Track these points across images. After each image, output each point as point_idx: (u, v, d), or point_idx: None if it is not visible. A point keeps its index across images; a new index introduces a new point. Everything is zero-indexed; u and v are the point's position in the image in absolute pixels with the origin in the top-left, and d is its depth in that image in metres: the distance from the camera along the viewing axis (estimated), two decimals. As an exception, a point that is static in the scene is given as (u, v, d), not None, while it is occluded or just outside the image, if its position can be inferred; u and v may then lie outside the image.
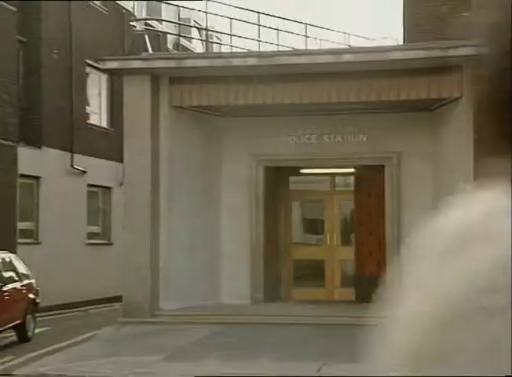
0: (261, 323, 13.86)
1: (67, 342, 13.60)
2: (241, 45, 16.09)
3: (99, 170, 23.89)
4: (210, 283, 15.62)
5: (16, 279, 14.32)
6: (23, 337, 14.09)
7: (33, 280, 15.15)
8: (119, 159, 19.02)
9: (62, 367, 10.94)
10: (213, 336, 13.04)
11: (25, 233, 20.79)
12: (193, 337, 12.87)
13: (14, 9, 19.70)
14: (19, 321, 13.86)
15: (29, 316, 14.32)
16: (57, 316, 19.09)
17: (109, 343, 12.94)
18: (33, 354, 12.54)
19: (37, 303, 15.02)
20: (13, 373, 11.05)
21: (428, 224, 0.80)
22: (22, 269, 14.89)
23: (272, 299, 16.11)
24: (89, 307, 21.30)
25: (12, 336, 14.17)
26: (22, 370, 11.13)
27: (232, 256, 15.91)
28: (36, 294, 15.05)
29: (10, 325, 13.63)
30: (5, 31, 19.39)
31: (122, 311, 14.81)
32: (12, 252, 18.90)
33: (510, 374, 0.67)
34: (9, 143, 19.55)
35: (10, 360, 12.25)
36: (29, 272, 15.16)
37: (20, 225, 20.32)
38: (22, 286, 14.42)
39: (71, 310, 20.49)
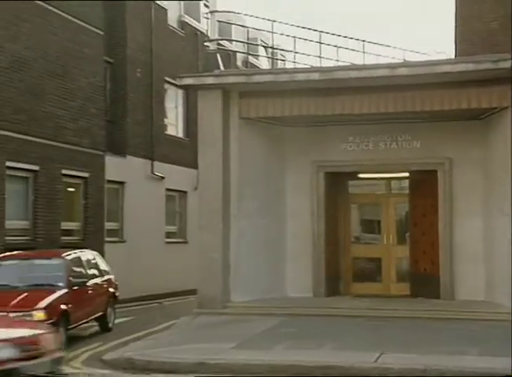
0: (323, 315, 13.79)
1: (149, 330, 13.78)
2: (303, 61, 16.05)
3: (176, 176, 24.11)
4: (275, 277, 15.59)
5: (98, 275, 14.29)
6: (104, 327, 14.10)
7: (112, 276, 15.11)
8: (194, 165, 19.14)
9: (146, 352, 10.98)
10: (279, 326, 12.99)
11: (112, 233, 21.04)
12: (261, 327, 12.85)
13: (102, 32, 20.03)
14: (101, 313, 13.87)
15: (110, 309, 14.31)
16: (139, 306, 19.30)
17: (186, 331, 13.01)
18: (119, 341, 12.73)
19: (116, 296, 14.96)
20: (103, 357, 11.16)
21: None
22: (103, 265, 14.89)
23: (333, 293, 15.99)
24: (166, 299, 21.46)
25: (95, 327, 14.25)
26: (110, 355, 11.22)
27: (296, 254, 15.86)
28: (115, 288, 15.00)
29: (93, 317, 13.66)
30: (95, 52, 19.76)
31: (196, 303, 14.82)
32: (100, 249, 19.28)
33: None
34: (98, 152, 19.90)
35: (99, 346, 12.49)
36: (109, 269, 15.14)
37: (108, 225, 20.57)
38: (103, 281, 14.37)
39: (151, 302, 20.67)
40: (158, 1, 23.61)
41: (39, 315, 11.15)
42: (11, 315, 10.90)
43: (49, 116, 17.81)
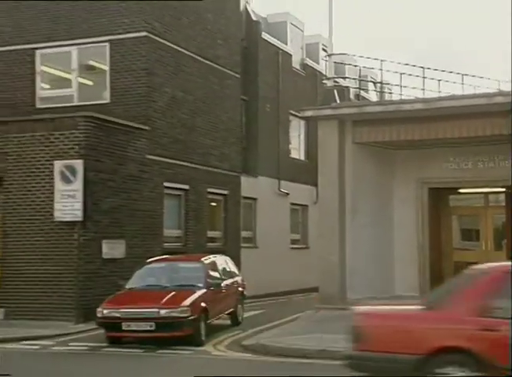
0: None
1: (278, 322, 13.82)
2: (408, 93, 15.76)
3: (298, 192, 24.20)
4: (385, 279, 15.24)
5: (229, 276, 13.93)
6: (235, 321, 13.80)
7: (241, 277, 14.72)
8: (313, 183, 19.15)
9: (277, 339, 11.03)
10: (390, 320, 12.71)
11: (246, 240, 21.32)
12: (374, 321, 12.63)
13: (239, 76, 20.45)
14: (232, 309, 13.59)
15: (239, 306, 14.00)
16: (268, 302, 19.36)
17: (310, 323, 12.95)
18: (254, 330, 12.82)
19: (244, 295, 14.59)
20: (242, 343, 11.26)
21: None
22: (233, 268, 14.54)
23: (437, 292, 15.46)
24: (290, 296, 21.48)
25: (227, 320, 13.98)
26: (248, 341, 11.33)
27: (403, 258, 15.42)
28: (243, 287, 14.60)
29: (226, 312, 13.41)
30: (233, 92, 20.23)
31: (317, 299, 14.70)
32: (237, 254, 19.62)
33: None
34: (235, 174, 20.31)
35: (239, 333, 12.61)
36: (237, 271, 14.77)
37: (243, 234, 20.85)
38: (233, 282, 14.02)
39: (278, 298, 20.76)
40: (283, 48, 23.94)
41: (185, 311, 11.01)
42: (161, 311, 10.87)
43: (198, 145, 18.37)
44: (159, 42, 16.66)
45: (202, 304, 11.49)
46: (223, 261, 14.04)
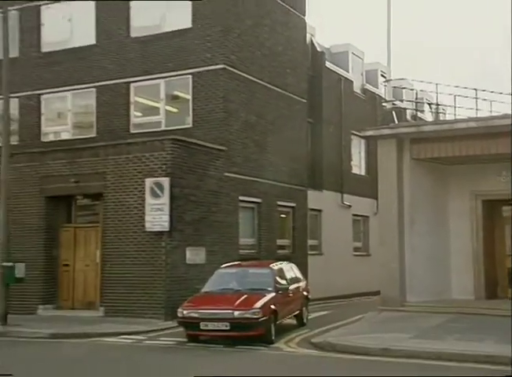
0: (483, 315, 12.88)
1: (343, 322, 13.63)
2: (462, 113, 15.38)
3: (359, 204, 23.91)
4: (443, 283, 14.83)
5: (295, 281, 13.63)
6: (300, 322, 13.54)
7: (305, 282, 14.45)
8: (373, 196, 18.88)
9: (342, 338, 10.91)
10: (447, 322, 12.31)
11: (313, 247, 21.16)
12: (432, 322, 12.27)
13: (305, 101, 20.45)
14: (298, 311, 13.37)
15: (304, 308, 13.75)
16: (332, 304, 19.15)
17: (372, 324, 12.74)
18: (320, 329, 12.68)
19: (308, 298, 14.30)
20: (311, 341, 11.19)
21: None
22: (298, 274, 14.23)
23: (491, 296, 14.87)
24: (353, 298, 21.18)
25: (293, 321, 13.70)
26: (316, 339, 11.23)
27: (459, 265, 14.97)
28: (308, 291, 14.25)
29: (293, 314, 13.20)
30: (300, 115, 20.24)
31: (379, 301, 14.44)
32: (305, 260, 19.55)
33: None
34: (302, 188, 20.27)
35: (307, 332, 12.49)
36: (302, 277, 14.40)
37: (310, 242, 20.69)
38: (298, 286, 13.73)
39: (342, 300, 20.50)
40: (345, 75, 23.84)
41: (256, 313, 10.92)
42: (235, 312, 10.80)
43: (269, 163, 18.44)
44: (234, 73, 16.96)
45: (272, 306, 11.39)
46: (289, 268, 13.90)
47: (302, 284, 14.11)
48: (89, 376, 8.89)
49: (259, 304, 11.12)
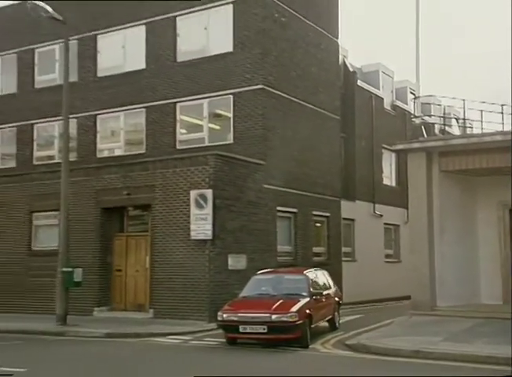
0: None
1: (375, 325, 13.47)
2: (488, 126, 15.06)
3: (390, 214, 23.63)
4: (472, 289, 14.47)
5: (327, 287, 13.45)
6: (333, 326, 13.36)
7: (336, 287, 14.21)
8: (403, 206, 18.63)
9: (375, 340, 10.79)
10: (476, 326, 12.00)
11: (346, 254, 21.06)
12: (462, 326, 11.99)
13: (338, 117, 20.41)
14: (330, 316, 13.21)
15: (336, 313, 13.55)
16: (365, 308, 18.96)
17: (404, 327, 12.52)
18: (354, 331, 12.56)
19: (340, 304, 14.06)
20: (346, 342, 11.09)
21: None
22: (329, 280, 14.01)
23: (519, 301, 14.43)
24: (385, 303, 20.90)
25: (326, 325, 13.48)
26: (351, 341, 11.13)
27: (488, 271, 14.61)
28: (340, 297, 14.04)
29: (326, 319, 13.03)
30: (333, 131, 20.20)
31: (410, 306, 14.19)
32: (339, 267, 19.36)
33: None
34: (336, 198, 20.17)
35: (341, 335, 12.41)
36: (333, 283, 14.10)
37: (344, 249, 20.59)
38: (331, 292, 13.39)
39: (374, 304, 20.27)
40: (376, 93, 23.68)
41: (293, 316, 10.80)
42: (273, 316, 10.69)
43: (305, 176, 18.45)
44: (272, 92, 17.07)
45: (307, 310, 11.27)
46: (321, 274, 13.77)
47: (334, 290, 13.98)
48: (146, 371, 9.00)
49: (295, 308, 11.06)
